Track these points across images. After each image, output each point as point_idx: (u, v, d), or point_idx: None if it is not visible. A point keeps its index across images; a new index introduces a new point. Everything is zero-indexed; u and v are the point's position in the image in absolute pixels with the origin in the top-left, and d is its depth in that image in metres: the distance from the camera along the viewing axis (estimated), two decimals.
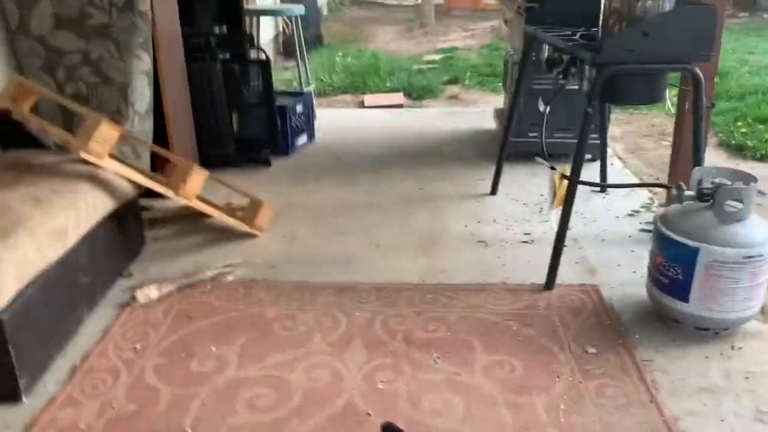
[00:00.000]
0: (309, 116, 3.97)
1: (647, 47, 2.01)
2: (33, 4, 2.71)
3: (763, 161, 3.59)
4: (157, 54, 2.81)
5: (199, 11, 3.64)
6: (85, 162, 2.14)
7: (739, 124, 4.05)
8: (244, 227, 2.65)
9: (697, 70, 2.06)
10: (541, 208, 2.90)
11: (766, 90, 4.69)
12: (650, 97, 2.19)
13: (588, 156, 3.35)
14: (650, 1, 2.04)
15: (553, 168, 2.32)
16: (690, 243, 1.86)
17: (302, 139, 3.90)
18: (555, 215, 2.27)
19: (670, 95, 2.39)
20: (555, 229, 2.23)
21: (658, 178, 3.39)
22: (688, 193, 1.94)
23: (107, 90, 2.79)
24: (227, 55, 3.45)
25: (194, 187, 2.43)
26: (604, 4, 2.16)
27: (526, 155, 3.39)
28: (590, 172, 3.09)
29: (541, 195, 3.02)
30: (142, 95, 2.81)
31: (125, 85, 2.76)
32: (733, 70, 5.47)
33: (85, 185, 2.09)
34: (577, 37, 2.40)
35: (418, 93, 5.43)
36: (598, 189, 3.07)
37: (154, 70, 2.83)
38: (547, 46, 2.60)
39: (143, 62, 2.77)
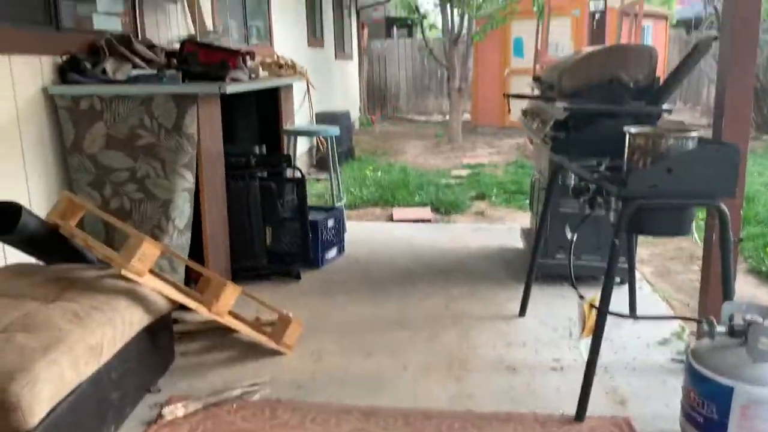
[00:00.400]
0: (339, 230, 4.08)
1: (672, 183, 2.07)
2: (89, 125, 2.92)
3: None
4: (200, 173, 2.96)
5: (242, 132, 3.86)
6: (126, 278, 2.22)
7: None
8: (271, 344, 2.67)
9: (723, 206, 2.11)
10: (571, 333, 2.88)
11: None
12: (677, 229, 2.22)
13: (617, 279, 3.36)
14: (673, 140, 2.12)
15: (581, 297, 2.33)
16: (724, 381, 1.83)
17: (332, 252, 3.98)
18: (585, 344, 2.26)
19: (697, 220, 2.42)
20: (585, 358, 2.21)
21: (688, 304, 3.37)
22: (719, 328, 1.93)
23: (150, 206, 2.93)
24: (265, 173, 3.61)
25: (226, 304, 2.49)
26: (629, 140, 2.24)
27: (554, 277, 3.42)
28: (619, 295, 3.07)
29: (570, 319, 3.01)
30: (182, 212, 2.94)
31: (168, 201, 2.90)
32: (759, 194, 5.52)
33: (124, 301, 2.16)
34: (602, 168, 2.48)
35: (445, 208, 5.55)
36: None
37: (196, 187, 2.98)
38: (573, 175, 2.68)
39: (186, 181, 2.91)
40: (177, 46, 3.62)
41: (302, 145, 7.23)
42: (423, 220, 5.18)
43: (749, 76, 2.50)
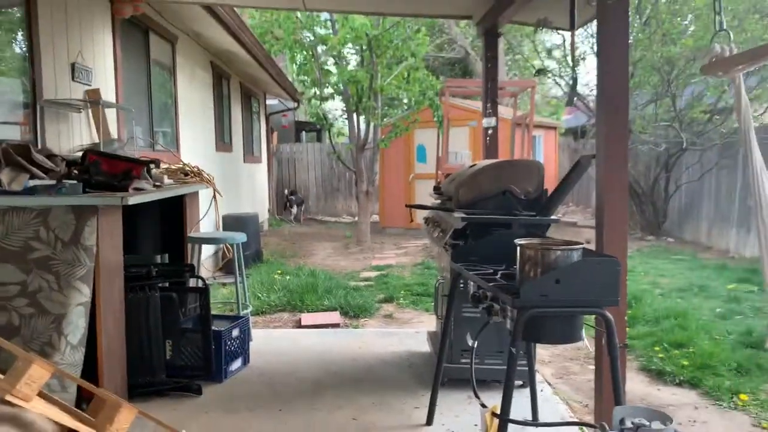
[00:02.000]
0: (245, 339, 3.98)
1: (560, 293, 2.20)
2: None
3: (682, 386, 3.76)
4: (97, 286, 2.86)
5: (144, 240, 3.79)
6: (10, 403, 2.07)
7: (657, 348, 4.28)
8: None
9: (608, 314, 2.25)
10: None
11: (677, 314, 5.03)
12: (568, 336, 2.35)
13: (519, 382, 3.45)
14: (559, 252, 2.29)
15: (483, 405, 2.38)
16: None
17: (236, 363, 3.87)
18: None
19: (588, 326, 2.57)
20: None
21: (586, 405, 3.49)
22: None
23: (41, 321, 2.78)
24: (167, 283, 3.53)
25: (121, 428, 2.35)
26: (520, 252, 2.38)
27: (461, 381, 3.47)
28: (521, 399, 3.16)
29: (476, 425, 3.03)
30: (76, 327, 2.80)
31: (61, 316, 2.77)
32: (646, 293, 5.89)
33: (7, 430, 2.00)
34: (498, 276, 2.61)
35: (354, 311, 5.56)
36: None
37: (92, 301, 2.86)
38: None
39: (82, 295, 2.80)
40: (80, 155, 3.57)
41: (209, 248, 7.13)
42: (332, 325, 5.15)
43: (623, 197, 2.77)
